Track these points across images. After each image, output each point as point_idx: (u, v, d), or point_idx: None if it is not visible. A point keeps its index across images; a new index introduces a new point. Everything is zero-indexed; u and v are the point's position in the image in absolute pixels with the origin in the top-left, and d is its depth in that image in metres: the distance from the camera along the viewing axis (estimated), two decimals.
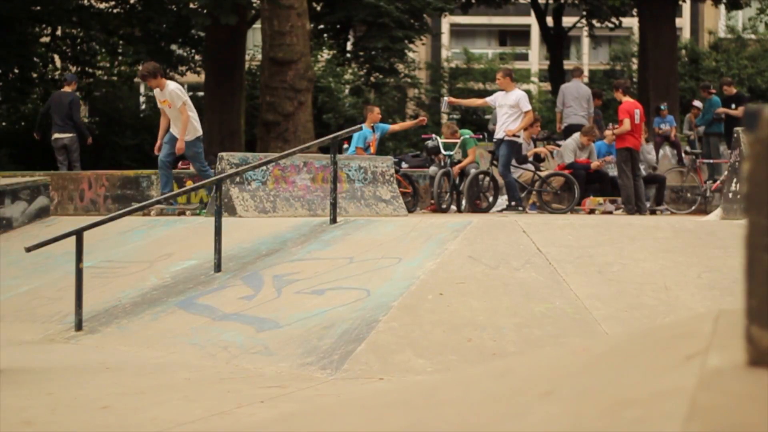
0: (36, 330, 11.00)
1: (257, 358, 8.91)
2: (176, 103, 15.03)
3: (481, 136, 18.73)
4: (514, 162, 16.82)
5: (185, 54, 32.12)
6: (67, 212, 17.09)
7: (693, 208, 19.42)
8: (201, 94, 32.28)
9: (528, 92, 42.95)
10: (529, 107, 16.50)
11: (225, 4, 23.12)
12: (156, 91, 15.33)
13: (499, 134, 16.47)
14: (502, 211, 16.93)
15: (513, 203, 16.50)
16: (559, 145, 19.71)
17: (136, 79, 35.13)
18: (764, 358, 1.82)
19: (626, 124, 16.87)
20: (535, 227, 10.80)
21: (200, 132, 15.49)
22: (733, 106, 21.03)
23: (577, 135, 18.91)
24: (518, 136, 16.54)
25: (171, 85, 15.21)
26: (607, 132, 18.59)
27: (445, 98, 18.28)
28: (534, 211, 17.41)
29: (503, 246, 10.26)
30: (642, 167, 18.33)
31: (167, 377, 8.32)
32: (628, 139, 16.88)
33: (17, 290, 12.52)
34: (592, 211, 17.78)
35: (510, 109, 16.38)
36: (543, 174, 17.86)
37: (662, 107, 21.81)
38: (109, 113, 32.37)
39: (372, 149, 18.10)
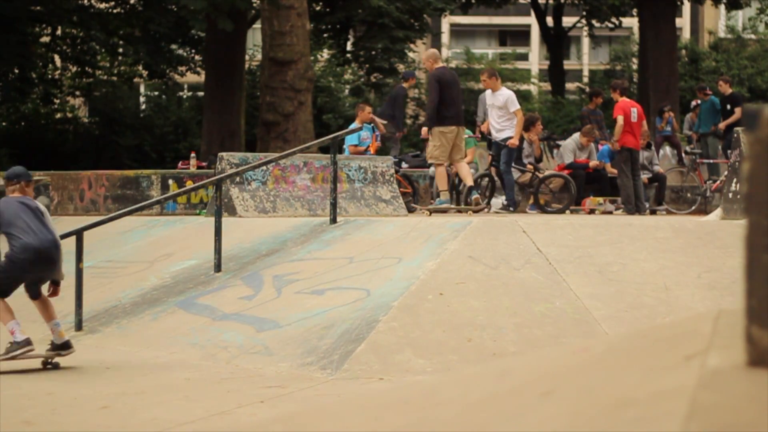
0: (36, 330, 10.99)
1: (257, 358, 8.91)
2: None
3: (480, 137, 18.72)
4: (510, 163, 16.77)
5: (185, 54, 32.09)
6: (67, 212, 17.09)
7: (693, 208, 19.41)
8: (201, 94, 32.27)
9: (528, 92, 43.00)
10: (517, 106, 16.21)
11: (223, 7, 23.12)
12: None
13: (497, 136, 16.33)
14: (497, 211, 16.93)
15: (506, 203, 16.38)
16: (559, 145, 19.72)
17: (136, 79, 35.17)
18: (764, 358, 1.82)
19: (619, 120, 16.90)
20: (535, 227, 10.80)
21: None
22: (729, 106, 21.05)
23: (576, 135, 18.91)
24: (511, 137, 16.34)
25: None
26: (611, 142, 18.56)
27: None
28: (534, 211, 17.39)
29: (503, 246, 10.26)
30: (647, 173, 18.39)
31: (167, 377, 8.32)
32: (627, 140, 16.86)
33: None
34: (592, 211, 17.76)
35: (499, 110, 16.13)
36: (541, 175, 17.83)
37: (664, 108, 21.80)
38: (109, 113, 32.35)
39: (372, 150, 18.10)
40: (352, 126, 16.90)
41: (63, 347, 8.99)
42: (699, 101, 21.94)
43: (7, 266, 9.01)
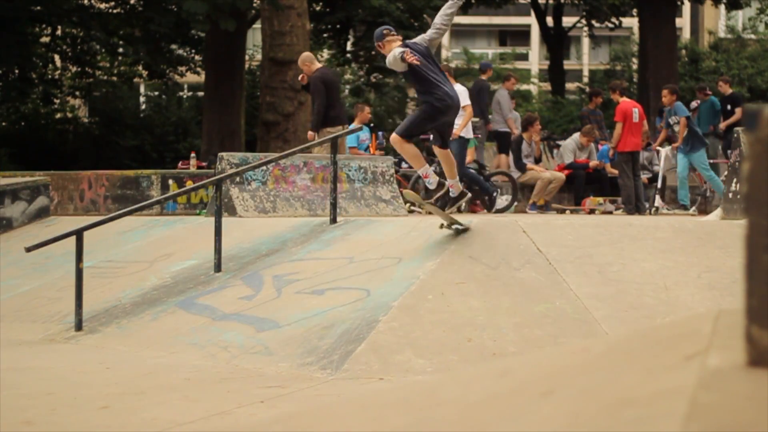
0: (36, 330, 11.00)
1: (257, 358, 8.91)
2: None
3: (479, 135, 18.72)
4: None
5: (185, 54, 32.09)
6: (67, 212, 17.09)
7: (693, 208, 19.41)
8: (201, 94, 32.26)
9: (528, 92, 42.97)
10: (467, 102, 15.90)
11: (224, 8, 23.13)
12: None
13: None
14: (500, 210, 16.89)
15: (486, 197, 16.05)
16: (559, 145, 19.73)
17: (136, 79, 35.16)
18: (764, 358, 1.82)
19: (618, 129, 16.87)
20: (535, 227, 10.80)
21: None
22: (729, 106, 21.05)
23: (576, 135, 18.93)
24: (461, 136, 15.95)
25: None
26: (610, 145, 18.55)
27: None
28: (534, 211, 17.40)
29: (503, 246, 10.26)
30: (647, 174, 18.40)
31: (167, 377, 8.32)
32: (628, 141, 16.86)
33: (17, 290, 12.52)
34: (592, 211, 17.77)
35: None
36: (486, 173, 17.70)
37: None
38: (109, 113, 32.36)
39: (372, 150, 18.10)
40: (351, 126, 16.90)
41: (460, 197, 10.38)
42: (699, 102, 21.93)
43: (424, 113, 9.76)
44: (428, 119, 9.85)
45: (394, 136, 9.98)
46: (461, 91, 16.02)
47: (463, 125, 15.86)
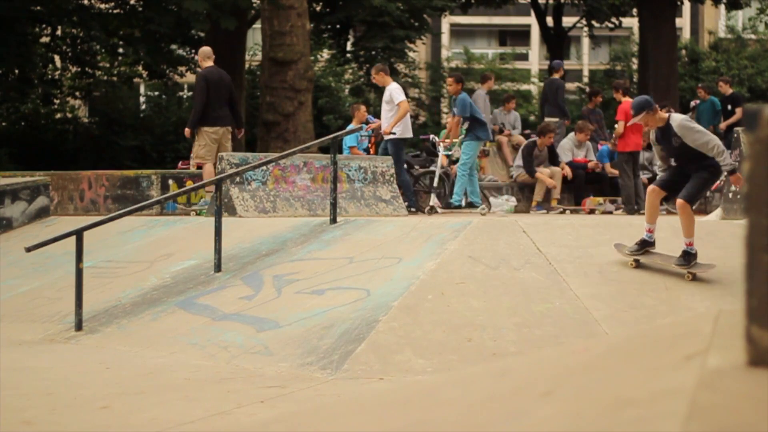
0: (36, 330, 11.00)
1: (257, 358, 8.91)
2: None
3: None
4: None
5: (185, 54, 32.08)
6: (67, 212, 17.09)
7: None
8: None
9: (528, 92, 42.97)
10: (401, 98, 15.62)
11: (224, 7, 23.12)
12: None
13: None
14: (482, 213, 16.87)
15: (407, 203, 15.73)
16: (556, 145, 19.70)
17: (136, 79, 35.14)
18: (764, 358, 1.82)
19: (620, 127, 16.84)
20: (535, 227, 10.80)
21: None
22: (729, 106, 21.07)
23: (571, 134, 18.92)
24: (394, 133, 15.57)
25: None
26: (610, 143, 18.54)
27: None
28: (542, 210, 17.42)
29: (503, 246, 10.26)
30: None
31: (167, 377, 8.32)
32: (629, 141, 16.84)
33: (17, 290, 12.52)
34: (592, 211, 17.77)
35: (387, 105, 15.68)
36: (416, 172, 17.60)
37: (664, 108, 21.79)
38: (109, 113, 32.34)
39: (372, 150, 18.09)
40: (350, 127, 16.89)
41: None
42: (698, 101, 21.94)
43: (711, 177, 10.34)
44: (712, 181, 10.51)
45: (681, 203, 10.27)
46: (395, 89, 15.85)
47: (394, 122, 15.50)
